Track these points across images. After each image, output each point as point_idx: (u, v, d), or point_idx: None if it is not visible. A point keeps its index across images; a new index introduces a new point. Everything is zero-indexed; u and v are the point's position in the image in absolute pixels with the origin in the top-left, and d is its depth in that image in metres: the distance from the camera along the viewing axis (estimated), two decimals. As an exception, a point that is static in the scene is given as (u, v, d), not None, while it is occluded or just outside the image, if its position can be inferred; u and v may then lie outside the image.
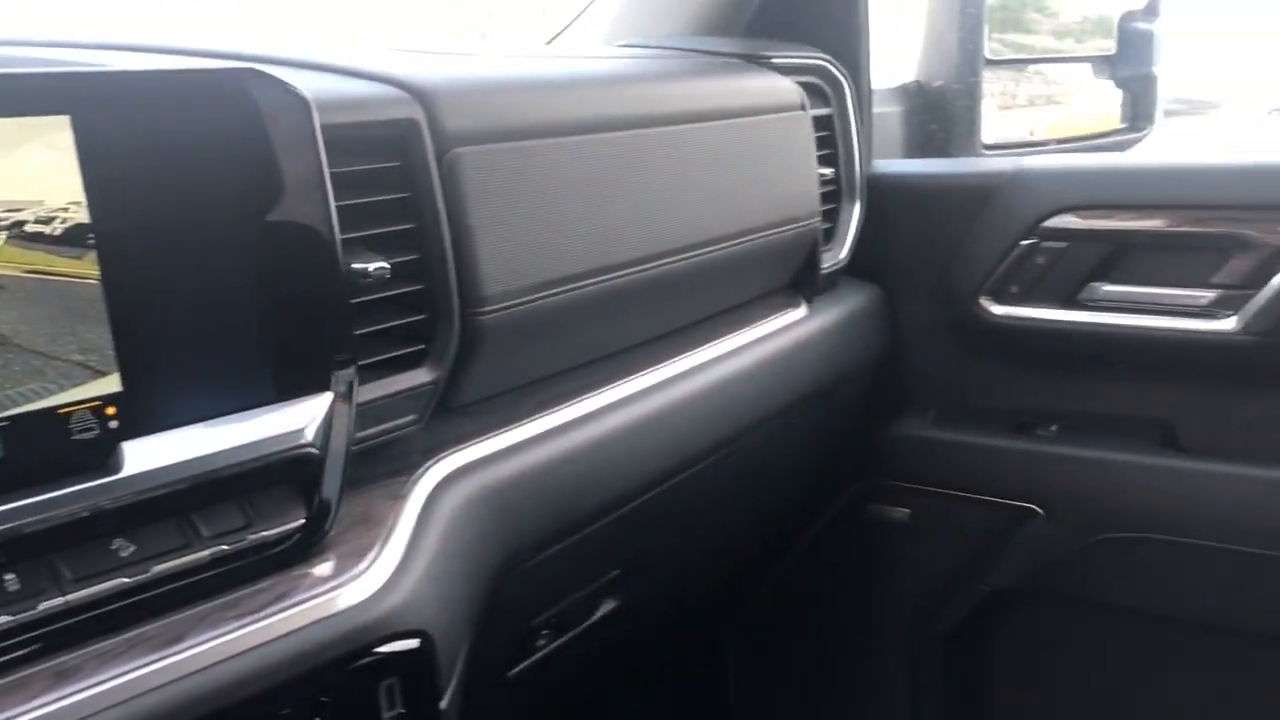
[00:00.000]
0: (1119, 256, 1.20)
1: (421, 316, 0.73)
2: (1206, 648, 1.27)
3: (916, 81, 1.61)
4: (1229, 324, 1.14)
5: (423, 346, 0.73)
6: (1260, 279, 1.12)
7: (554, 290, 0.81)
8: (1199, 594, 1.21)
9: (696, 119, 0.98)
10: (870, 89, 1.34)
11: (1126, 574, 1.23)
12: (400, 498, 0.69)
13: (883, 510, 1.36)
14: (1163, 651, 1.30)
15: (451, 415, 0.78)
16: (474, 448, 0.76)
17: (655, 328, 0.99)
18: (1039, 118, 1.95)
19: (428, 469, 0.72)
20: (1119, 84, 1.71)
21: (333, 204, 0.60)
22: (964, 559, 1.32)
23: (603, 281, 0.85)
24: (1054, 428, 1.28)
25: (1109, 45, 1.72)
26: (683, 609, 1.38)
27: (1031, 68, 1.97)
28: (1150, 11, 1.67)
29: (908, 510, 1.34)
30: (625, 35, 1.26)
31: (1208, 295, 1.15)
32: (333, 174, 0.61)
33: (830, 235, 1.24)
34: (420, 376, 0.72)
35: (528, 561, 0.80)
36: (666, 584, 1.17)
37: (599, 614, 1.01)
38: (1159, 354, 1.21)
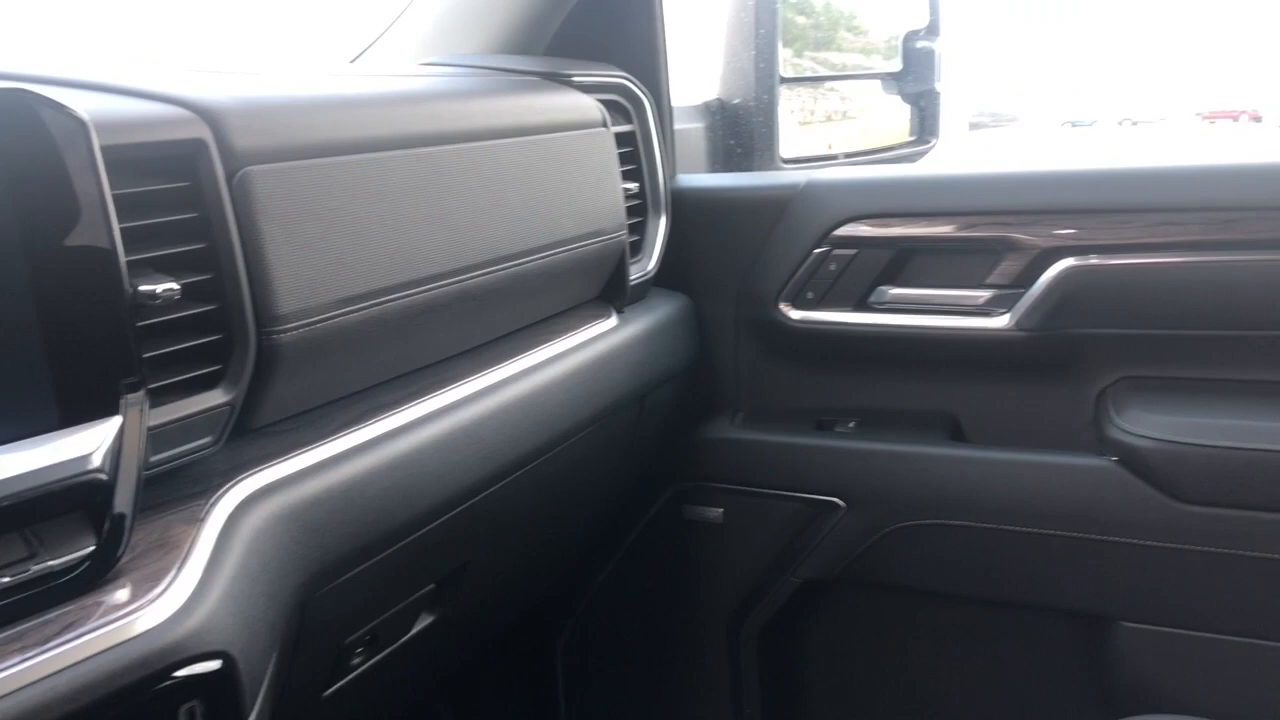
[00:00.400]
0: (903, 261, 1.28)
1: (216, 337, 0.72)
2: (998, 623, 1.37)
3: (718, 99, 1.67)
4: (1002, 321, 1.23)
5: (218, 367, 0.73)
6: (1029, 278, 1.21)
7: (355, 307, 0.81)
8: (988, 574, 1.30)
9: (499, 135, 1.00)
10: (671, 106, 1.39)
11: (923, 558, 1.31)
12: (198, 520, 0.68)
13: (697, 511, 1.41)
14: (960, 628, 1.39)
15: (253, 435, 0.78)
16: (276, 467, 0.76)
17: (464, 341, 1.01)
18: (836, 132, 2.06)
19: (227, 490, 0.72)
20: (906, 99, 1.82)
21: (115, 226, 0.59)
22: (775, 554, 1.37)
23: (406, 297, 0.86)
24: (852, 424, 1.35)
25: (897, 63, 1.83)
26: (505, 619, 1.39)
27: (828, 84, 2.08)
28: (932, 30, 1.79)
29: (721, 510, 1.40)
30: (427, 54, 1.27)
31: (983, 295, 1.24)
32: (119, 195, 0.60)
33: (638, 247, 1.28)
34: (216, 398, 0.72)
35: (336, 579, 0.80)
36: (485, 596, 1.18)
37: (415, 629, 1.01)
38: (942, 351, 1.30)
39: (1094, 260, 1.18)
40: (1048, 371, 1.28)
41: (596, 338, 1.16)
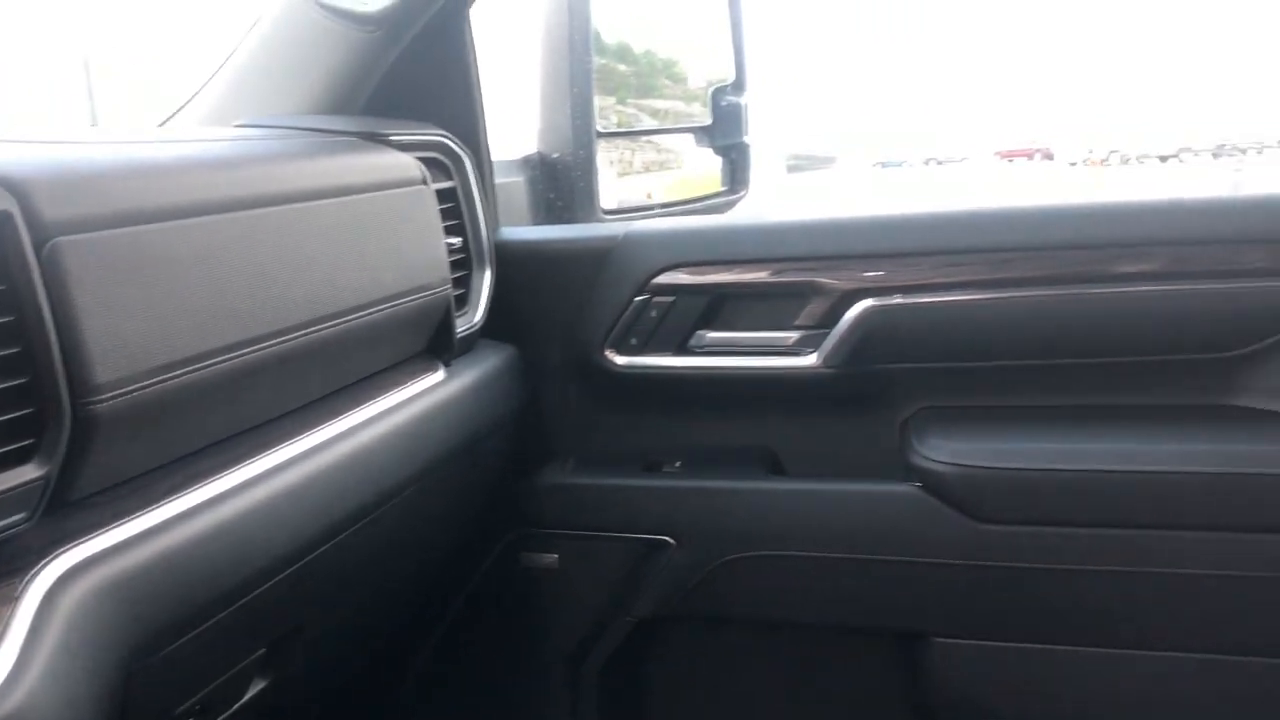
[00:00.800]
0: (719, 306, 1.35)
1: (28, 410, 0.71)
2: (825, 648, 1.43)
3: (538, 154, 1.72)
4: (811, 360, 1.31)
5: (32, 440, 0.71)
6: (833, 319, 1.29)
7: (174, 373, 0.81)
8: (812, 600, 1.36)
9: (316, 196, 1.01)
10: (490, 161, 1.43)
11: (751, 590, 1.37)
12: (13, 600, 0.67)
13: (533, 558, 1.43)
14: (790, 656, 1.45)
15: (71, 508, 0.76)
16: (96, 540, 0.75)
17: (290, 401, 1.01)
18: (655, 182, 2.13)
19: (44, 566, 0.70)
20: (717, 151, 1.91)
21: None
22: (610, 595, 1.41)
23: (226, 360, 0.86)
24: (678, 463, 1.41)
25: (707, 117, 1.92)
26: (342, 678, 1.38)
27: (644, 137, 2.15)
28: (738, 86, 1.89)
29: (556, 555, 1.42)
30: (239, 115, 1.27)
31: (793, 336, 1.32)
32: None
33: (464, 300, 1.31)
34: (29, 472, 0.71)
35: (163, 649, 0.80)
36: (321, 656, 1.17)
37: (248, 695, 1.00)
38: (758, 390, 1.37)
39: (890, 300, 1.27)
40: (855, 405, 1.36)
41: (424, 392, 1.18)
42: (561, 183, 1.68)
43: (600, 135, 1.73)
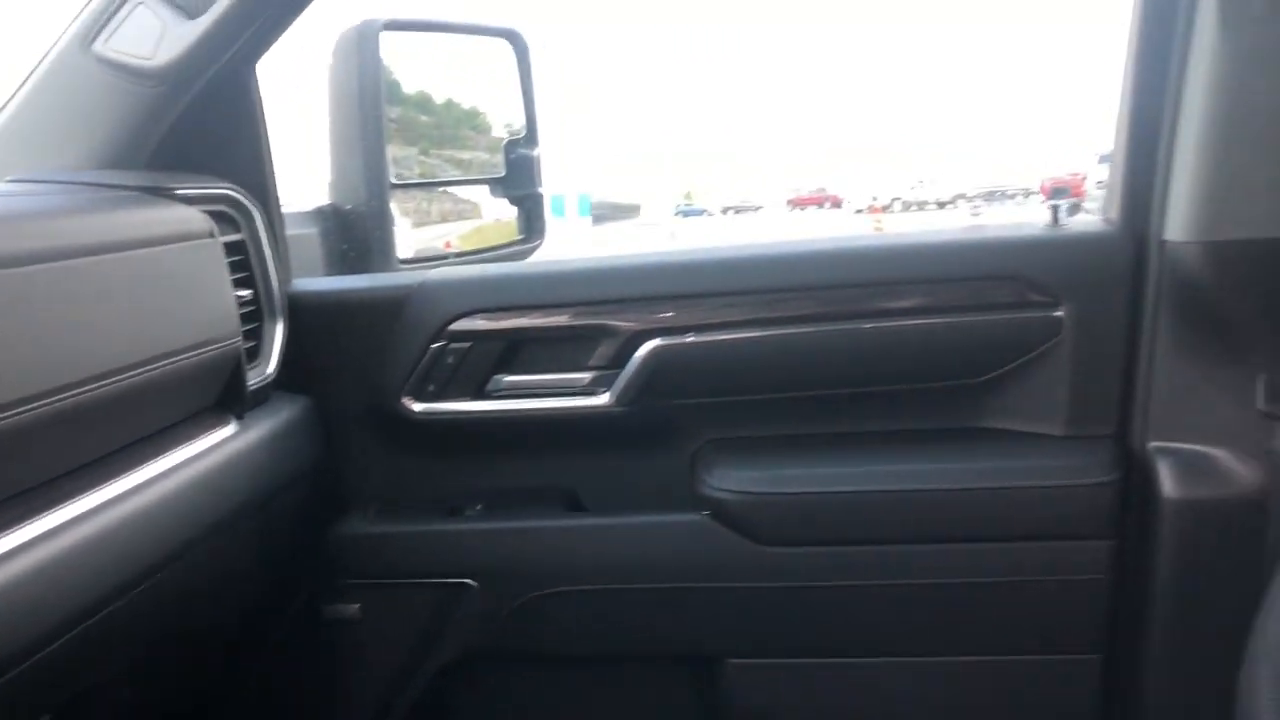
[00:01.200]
0: (515, 350, 1.39)
1: None
2: (628, 678, 1.48)
3: (331, 205, 1.73)
4: (604, 399, 1.36)
5: None
6: (622, 359, 1.35)
7: None
8: (614, 632, 1.41)
9: (96, 251, 1.00)
10: (280, 213, 1.43)
11: (555, 626, 1.41)
12: None
13: (334, 609, 1.42)
14: (596, 689, 1.49)
15: None
16: None
17: (73, 459, 0.98)
18: (453, 232, 2.16)
19: None
20: (512, 202, 1.96)
21: None
22: (414, 642, 1.42)
23: (3, 420, 0.84)
24: (479, 506, 1.43)
25: (501, 169, 1.97)
26: None
27: (440, 188, 2.18)
28: (530, 140, 1.94)
29: (358, 605, 1.42)
30: (11, 171, 1.23)
31: (586, 376, 1.37)
32: None
33: (256, 353, 1.30)
34: None
35: None
36: (114, 718, 1.14)
37: None
38: (556, 430, 1.41)
39: (676, 340, 1.34)
40: (647, 441, 1.42)
41: (215, 446, 1.17)
42: (355, 233, 1.69)
43: (394, 186, 1.75)
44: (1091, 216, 1.40)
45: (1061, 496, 1.29)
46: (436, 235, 2.12)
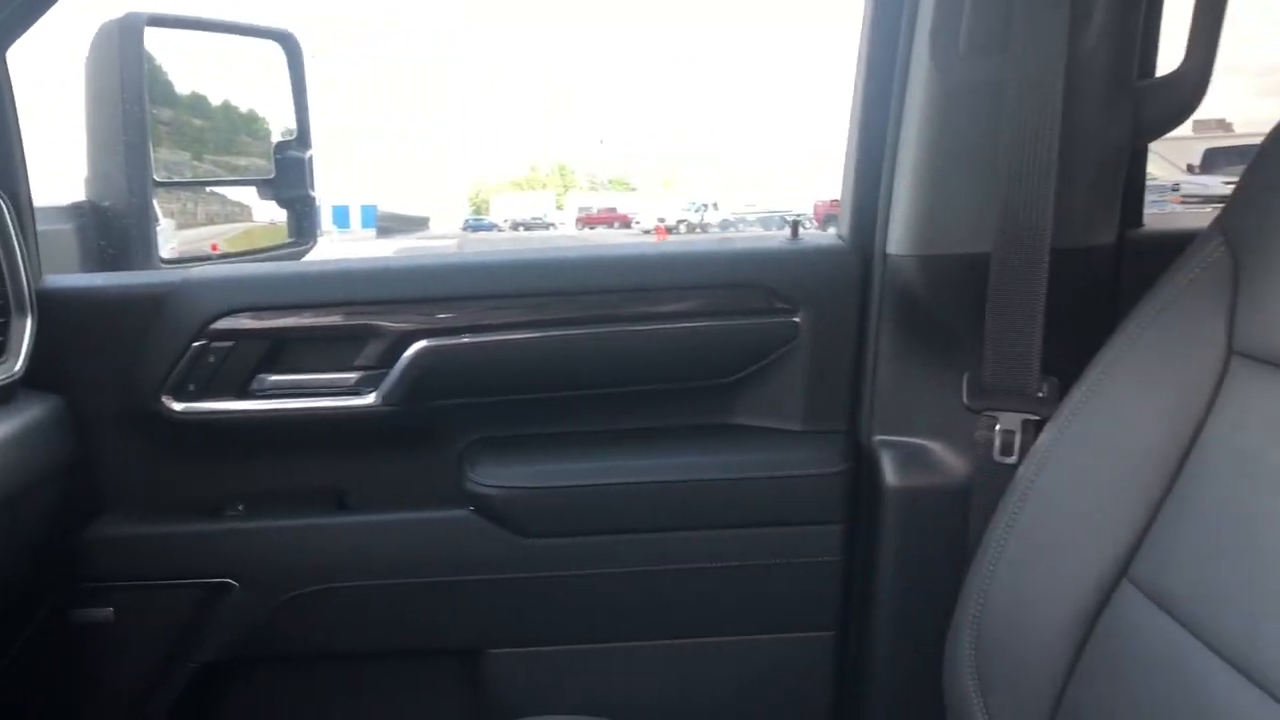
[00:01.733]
0: (280, 349, 1.39)
1: None
2: (395, 673, 1.50)
3: (89, 201, 1.67)
4: (370, 399, 1.39)
5: None
6: (390, 360, 1.38)
7: None
8: (380, 628, 1.43)
9: None
10: (32, 208, 1.39)
11: (321, 624, 1.41)
12: None
13: (85, 614, 1.38)
14: (363, 684, 1.51)
15: None
16: None
17: None
18: (221, 233, 2.12)
19: None
20: (282, 204, 1.95)
21: None
22: (170, 644, 1.39)
23: None
24: (241, 506, 1.43)
25: (271, 170, 1.96)
26: None
27: (211, 188, 2.14)
28: (301, 142, 1.94)
29: (111, 609, 1.39)
30: None
31: (353, 377, 1.39)
32: None
33: (3, 350, 1.26)
34: None
35: None
36: None
37: None
38: (322, 430, 1.43)
39: (443, 341, 1.38)
40: (414, 440, 1.46)
41: None
42: (114, 231, 1.65)
43: (158, 184, 1.71)
44: (826, 232, 1.53)
45: (798, 486, 1.41)
46: (203, 237, 2.08)
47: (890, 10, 1.34)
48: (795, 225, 1.47)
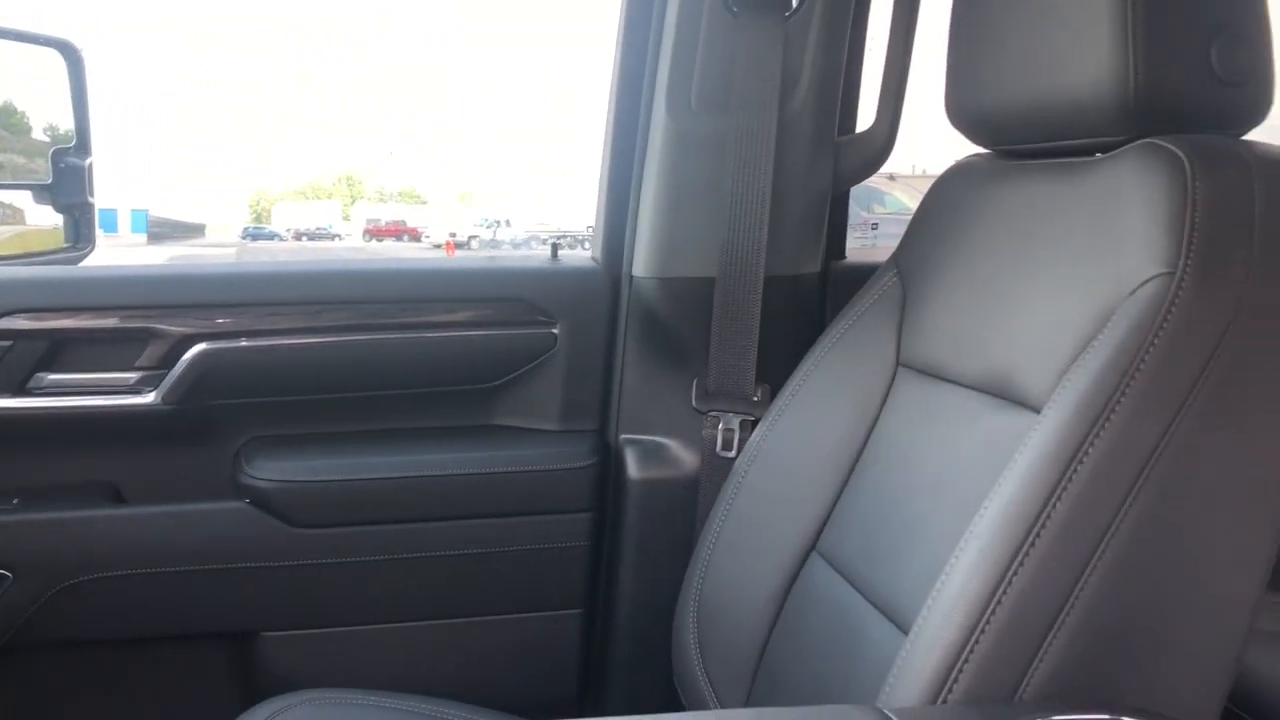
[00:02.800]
0: (61, 349, 1.45)
1: None
2: (169, 658, 1.57)
3: None
4: (150, 398, 1.47)
5: None
6: (170, 361, 1.47)
7: None
8: (153, 615, 1.50)
9: None
10: None
11: (93, 613, 1.48)
12: None
13: None
14: (137, 670, 1.57)
15: None
16: None
17: None
18: (-9, 236, 2.11)
19: None
20: (59, 210, 1.96)
21: None
22: None
23: None
24: (15, 501, 1.48)
25: (47, 175, 1.97)
26: None
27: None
28: (82, 149, 1.97)
29: None
30: None
31: (134, 376, 1.47)
32: None
33: None
34: None
35: None
36: None
37: None
38: (101, 428, 1.49)
39: (222, 344, 1.48)
40: (193, 438, 1.54)
41: None
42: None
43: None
44: (583, 254, 1.72)
45: (552, 479, 1.58)
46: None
47: (634, 67, 1.54)
48: (554, 247, 1.65)
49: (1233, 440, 0.93)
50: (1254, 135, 1.06)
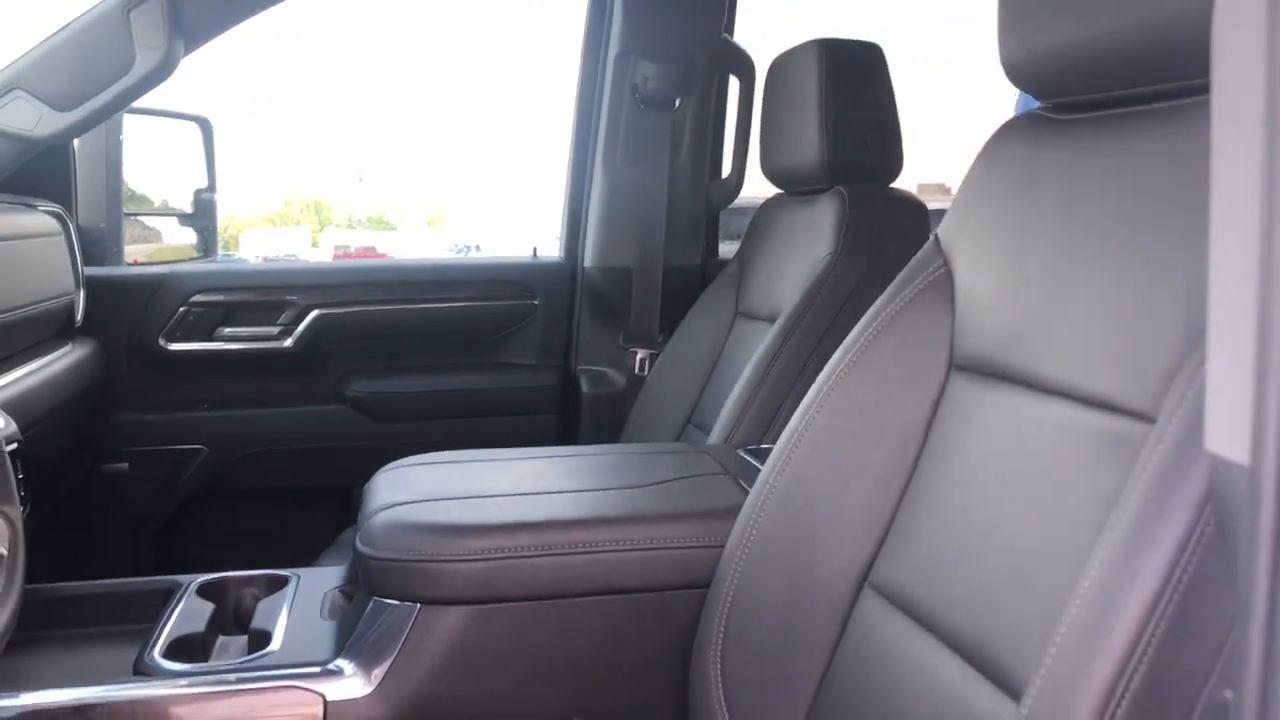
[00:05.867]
0: (232, 312, 2.38)
1: None
2: (299, 502, 2.50)
3: (78, 224, 2.58)
4: (287, 343, 2.40)
5: None
6: (298, 320, 2.40)
7: None
8: (288, 475, 2.44)
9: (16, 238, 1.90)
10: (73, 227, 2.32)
11: (255, 473, 2.41)
12: None
13: (110, 467, 2.32)
14: (280, 511, 2.49)
15: None
16: None
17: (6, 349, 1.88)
18: (139, 251, 3.04)
19: None
20: (195, 229, 2.90)
21: None
22: (168, 484, 2.35)
23: None
24: (207, 406, 2.39)
25: (188, 207, 2.91)
26: None
27: (134, 218, 3.05)
28: (210, 188, 2.90)
29: (126, 464, 2.33)
30: None
31: (276, 329, 2.40)
32: None
33: (72, 310, 2.19)
34: None
35: None
36: None
37: None
38: (257, 361, 2.42)
39: (328, 311, 2.41)
40: (311, 368, 2.47)
41: (58, 356, 2.06)
42: (94, 242, 2.56)
43: (126, 215, 2.64)
44: (553, 253, 2.68)
45: (533, 394, 2.54)
46: (129, 254, 2.99)
47: (583, 137, 2.51)
48: (535, 249, 2.61)
49: None
50: None
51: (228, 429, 2.39)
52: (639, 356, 2.47)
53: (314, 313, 2.41)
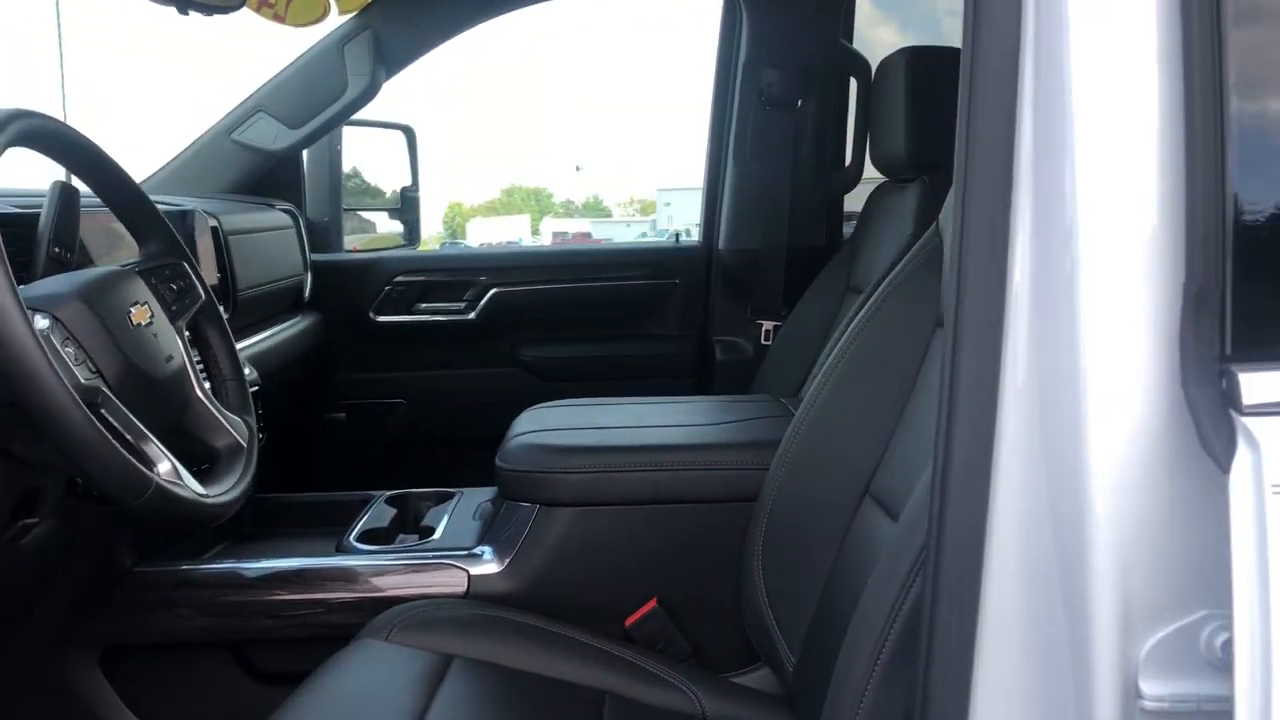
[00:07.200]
0: (427, 290, 2.87)
1: None
2: (472, 448, 2.97)
3: (307, 219, 3.14)
4: (471, 316, 2.87)
5: None
6: (480, 297, 2.87)
7: None
8: (467, 424, 2.91)
9: (266, 230, 2.43)
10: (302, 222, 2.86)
11: (440, 419, 2.90)
12: None
13: (332, 417, 2.85)
14: (451, 453, 2.97)
15: None
16: None
17: (259, 315, 2.42)
18: (356, 241, 3.61)
19: None
20: (403, 221, 3.43)
21: None
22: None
23: (247, 292, 2.30)
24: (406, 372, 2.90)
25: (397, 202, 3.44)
26: None
27: (363, 212, 3.62)
28: (414, 187, 3.42)
29: (344, 414, 2.86)
30: (183, 193, 2.60)
31: (463, 304, 2.88)
32: None
33: (301, 287, 2.72)
34: None
35: None
36: None
37: None
38: (447, 331, 2.90)
39: (505, 289, 2.87)
40: (491, 336, 2.93)
41: (294, 322, 2.59)
42: (319, 233, 3.11)
43: (345, 210, 3.19)
44: (693, 238, 3.05)
45: (675, 359, 2.93)
46: (348, 243, 3.56)
47: (718, 137, 2.86)
48: (678, 235, 2.99)
49: None
50: None
51: (422, 386, 2.89)
52: (764, 327, 2.81)
53: (493, 290, 2.87)
